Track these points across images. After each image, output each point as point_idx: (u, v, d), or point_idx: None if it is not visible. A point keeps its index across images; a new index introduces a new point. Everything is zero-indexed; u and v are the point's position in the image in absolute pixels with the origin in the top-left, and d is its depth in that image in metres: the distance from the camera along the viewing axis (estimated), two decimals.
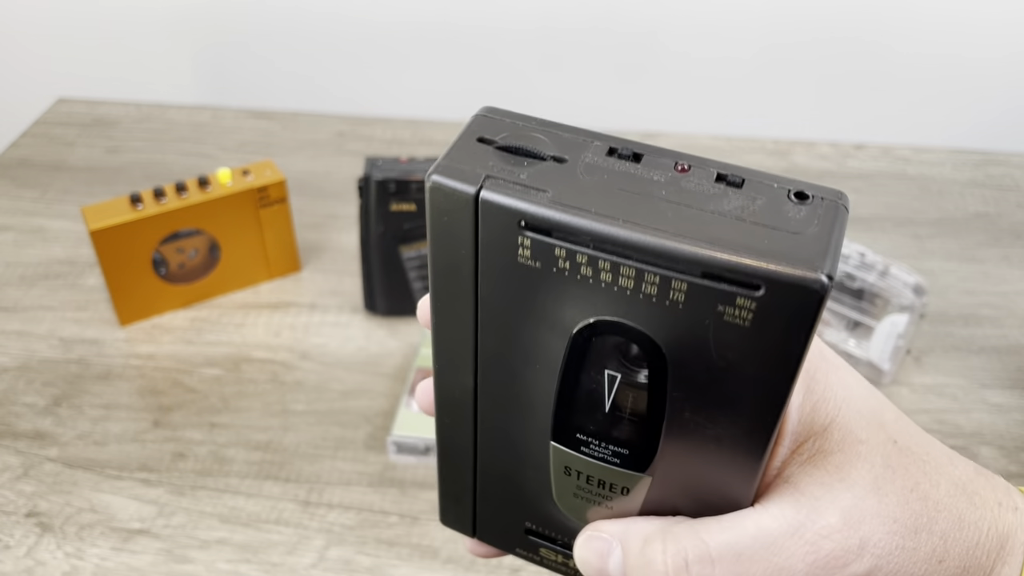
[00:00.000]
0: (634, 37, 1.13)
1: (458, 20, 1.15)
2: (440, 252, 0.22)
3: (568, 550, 0.28)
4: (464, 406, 0.26)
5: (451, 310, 0.24)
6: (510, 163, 0.21)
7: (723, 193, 0.21)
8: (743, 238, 0.19)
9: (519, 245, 0.21)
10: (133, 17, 1.20)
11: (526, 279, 0.21)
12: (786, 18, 1.11)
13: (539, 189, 0.20)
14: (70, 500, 0.58)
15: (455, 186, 0.21)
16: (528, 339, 0.23)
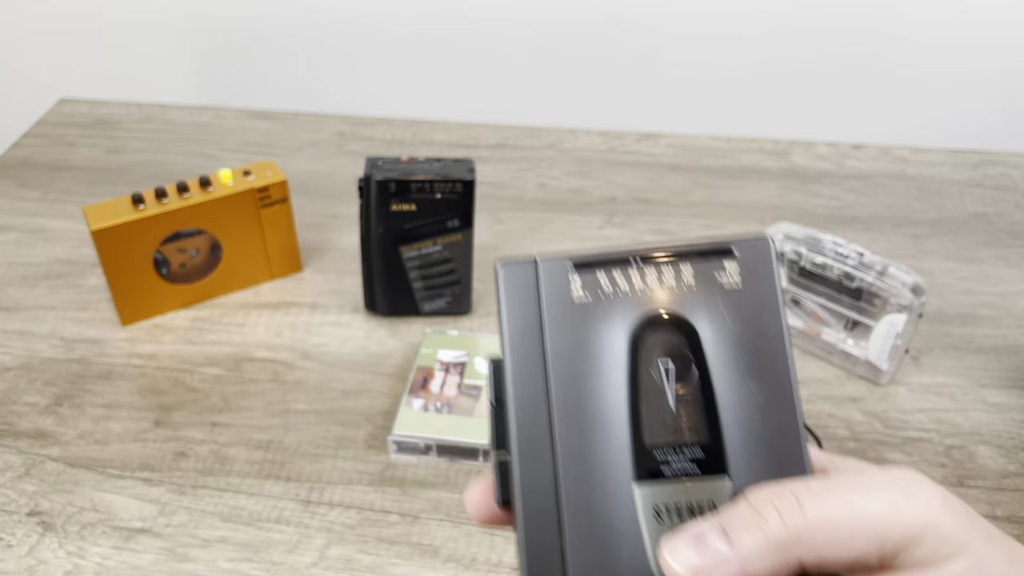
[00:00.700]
0: (633, 38, 1.13)
1: (458, 21, 1.15)
2: (513, 323, 0.27)
3: None
4: (548, 513, 0.27)
5: (529, 396, 0.27)
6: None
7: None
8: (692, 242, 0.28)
9: (572, 284, 0.27)
10: (135, 18, 1.20)
11: (583, 316, 0.27)
12: (785, 19, 1.11)
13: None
14: (72, 499, 0.58)
15: (519, 261, 0.28)
16: (595, 375, 0.27)
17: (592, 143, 1.01)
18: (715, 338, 0.27)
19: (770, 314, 0.27)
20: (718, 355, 0.27)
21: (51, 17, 1.22)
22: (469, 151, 0.99)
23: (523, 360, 0.27)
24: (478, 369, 0.66)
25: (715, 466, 0.26)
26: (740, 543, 0.24)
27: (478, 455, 0.61)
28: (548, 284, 0.28)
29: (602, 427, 0.27)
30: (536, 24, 1.14)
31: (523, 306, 0.28)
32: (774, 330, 0.27)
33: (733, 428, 0.27)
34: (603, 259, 0.28)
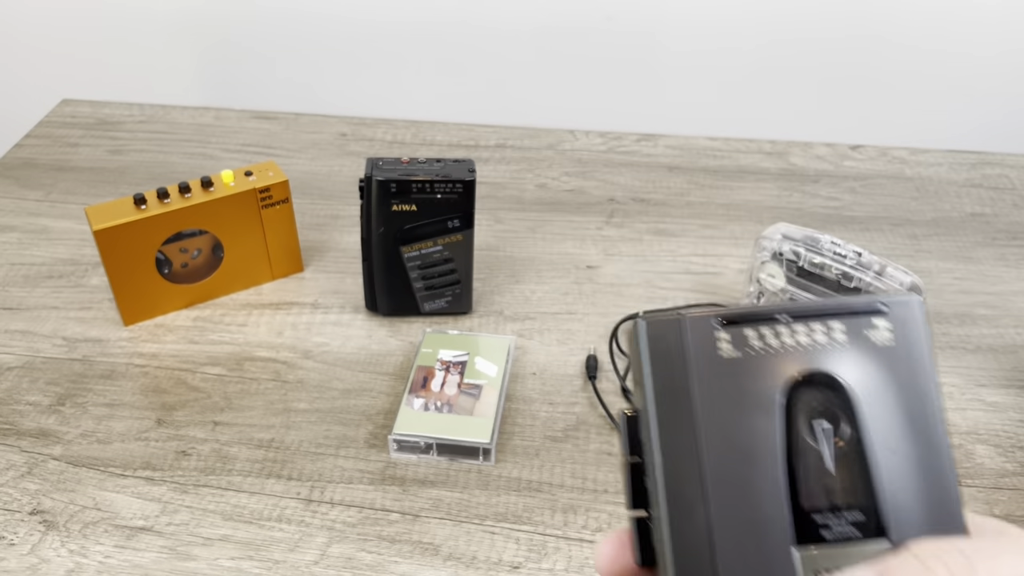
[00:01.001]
0: (632, 39, 1.14)
1: (459, 23, 1.15)
2: (658, 378, 0.27)
3: None
4: (703, 564, 0.26)
5: (677, 454, 0.26)
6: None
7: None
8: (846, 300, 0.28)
9: (718, 341, 0.27)
10: (137, 19, 1.20)
11: (732, 370, 0.27)
12: (784, 20, 1.11)
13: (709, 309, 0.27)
14: (74, 498, 0.59)
15: (664, 317, 0.27)
16: (747, 434, 0.26)
17: (591, 143, 1.02)
18: (869, 397, 0.27)
19: (922, 372, 0.27)
20: (872, 415, 0.26)
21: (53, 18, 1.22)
22: (469, 151, 0.99)
23: (670, 415, 0.27)
24: (478, 368, 0.66)
25: (876, 529, 0.26)
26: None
27: (478, 454, 0.61)
28: (694, 340, 0.27)
29: (758, 488, 0.26)
30: (536, 25, 1.15)
31: (667, 362, 0.27)
32: (926, 388, 0.27)
33: (891, 490, 0.26)
34: (751, 316, 0.27)
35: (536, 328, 0.73)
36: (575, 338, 0.72)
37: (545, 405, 0.66)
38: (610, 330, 0.73)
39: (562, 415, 0.65)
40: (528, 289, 0.78)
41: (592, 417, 0.65)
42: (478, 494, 0.59)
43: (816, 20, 1.10)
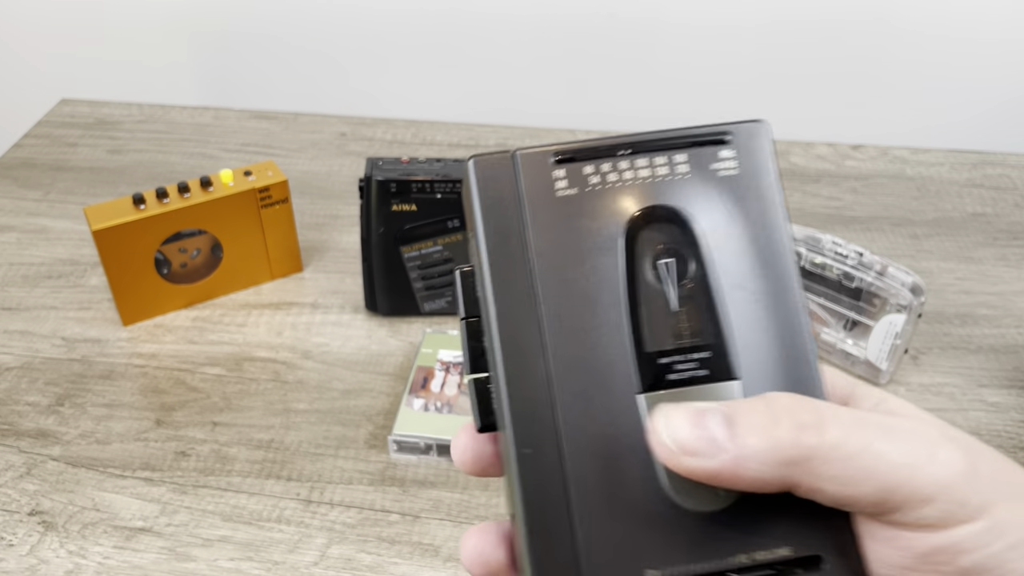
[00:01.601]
0: (632, 38, 1.14)
1: (459, 22, 1.15)
2: (489, 224, 0.25)
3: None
4: (545, 431, 0.24)
5: (511, 303, 0.24)
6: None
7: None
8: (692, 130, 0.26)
9: (555, 180, 0.25)
10: (136, 18, 1.20)
11: (569, 210, 0.24)
12: (784, 19, 1.11)
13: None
14: (73, 499, 0.58)
15: (495, 156, 0.25)
16: (587, 277, 0.24)
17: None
18: (714, 231, 0.25)
19: (770, 202, 0.25)
20: (718, 249, 0.25)
21: (52, 17, 1.22)
22: (469, 151, 0.99)
23: (505, 265, 0.24)
24: None
25: (725, 369, 0.24)
26: (743, 440, 0.22)
27: None
28: (528, 179, 0.25)
29: (600, 335, 0.24)
30: (536, 25, 1.14)
31: (500, 205, 0.25)
32: (774, 219, 0.25)
33: (740, 329, 0.25)
34: (588, 150, 0.25)
35: None
36: None
37: None
38: None
39: None
40: None
41: None
42: (478, 495, 0.59)
43: (817, 20, 1.10)
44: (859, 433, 0.22)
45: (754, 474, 0.22)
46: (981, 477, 0.22)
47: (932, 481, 0.22)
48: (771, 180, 0.25)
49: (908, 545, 0.22)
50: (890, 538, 0.23)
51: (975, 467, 0.22)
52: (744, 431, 0.22)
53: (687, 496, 0.23)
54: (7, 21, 1.23)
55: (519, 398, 0.24)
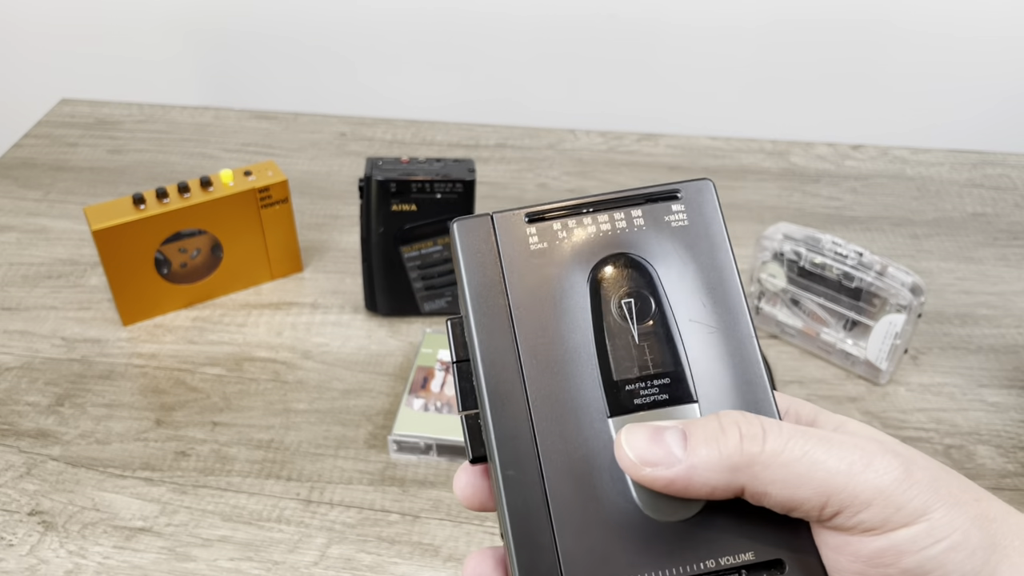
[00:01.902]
0: (633, 38, 1.14)
1: (459, 22, 1.15)
2: (473, 278, 0.28)
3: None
4: (524, 447, 0.27)
5: (495, 347, 0.28)
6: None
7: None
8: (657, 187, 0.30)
9: (528, 236, 0.29)
10: (136, 18, 1.20)
11: (541, 261, 0.28)
12: (784, 20, 1.11)
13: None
14: (73, 499, 0.58)
15: (475, 217, 0.29)
16: (560, 320, 0.28)
17: (592, 143, 1.02)
18: (668, 273, 0.29)
19: (718, 247, 0.29)
20: (674, 289, 0.28)
21: (52, 17, 1.22)
22: (469, 151, 0.99)
23: (487, 313, 0.28)
24: None
25: (683, 394, 0.27)
26: (695, 450, 0.25)
27: None
28: (504, 236, 0.29)
29: (572, 368, 0.27)
30: (536, 25, 1.14)
31: (481, 261, 0.28)
32: (722, 261, 0.29)
33: (697, 357, 0.28)
34: (555, 210, 0.29)
35: None
36: None
37: None
38: None
39: None
40: None
41: None
42: None
43: (817, 20, 1.10)
44: (798, 442, 0.24)
45: (705, 480, 0.24)
46: (918, 484, 0.24)
47: (869, 487, 0.24)
48: (718, 227, 0.29)
49: (856, 550, 0.24)
50: (840, 545, 0.25)
51: (911, 474, 0.24)
52: (695, 443, 0.25)
53: (656, 508, 0.26)
54: (7, 21, 1.23)
55: (502, 427, 0.27)
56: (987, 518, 0.24)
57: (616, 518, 0.26)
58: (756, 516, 0.26)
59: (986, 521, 0.24)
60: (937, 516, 0.24)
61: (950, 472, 0.25)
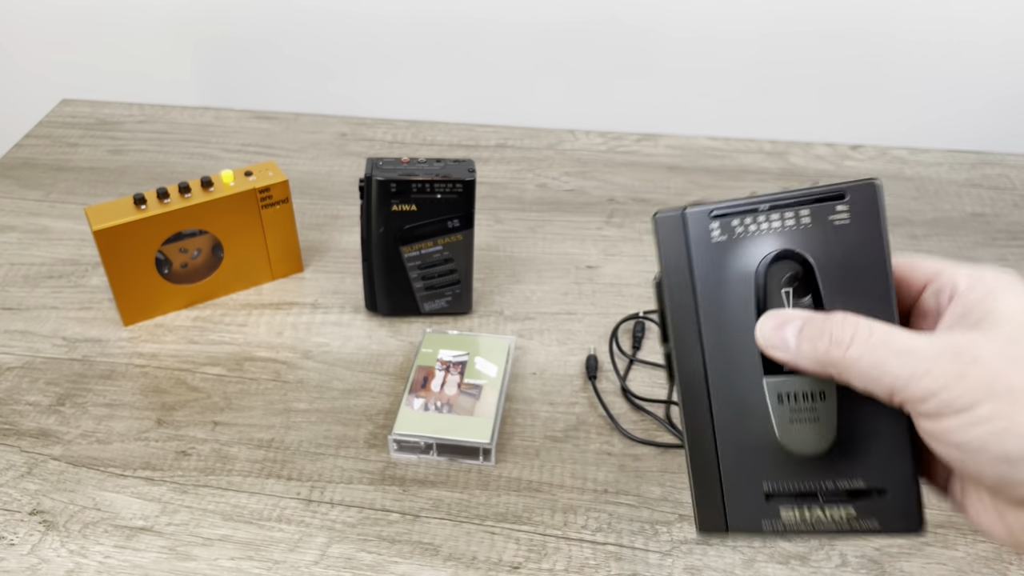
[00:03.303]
0: (633, 39, 1.14)
1: (459, 23, 1.15)
2: (668, 259, 0.36)
3: (804, 498, 0.35)
4: (700, 393, 0.36)
5: (682, 309, 0.36)
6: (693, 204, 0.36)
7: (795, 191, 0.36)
8: (819, 188, 0.35)
9: (712, 230, 0.35)
10: (136, 19, 1.20)
11: (720, 252, 0.35)
12: (784, 20, 1.11)
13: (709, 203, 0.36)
14: (74, 498, 0.59)
15: (670, 213, 0.36)
16: (732, 299, 0.35)
17: (592, 143, 1.02)
18: (827, 266, 0.34)
19: (874, 244, 0.34)
20: (828, 280, 0.34)
21: (53, 18, 1.22)
22: (469, 151, 0.99)
23: (677, 285, 0.36)
24: (478, 368, 0.66)
25: None
26: (799, 344, 0.33)
27: (478, 454, 0.61)
28: (693, 230, 0.36)
29: (739, 336, 0.35)
30: (536, 25, 1.15)
31: (674, 247, 0.36)
32: (877, 256, 0.34)
33: None
34: (737, 209, 0.35)
35: (536, 328, 0.73)
36: (575, 338, 0.72)
37: (545, 405, 0.66)
38: (610, 330, 0.73)
39: (562, 415, 0.65)
40: (528, 289, 0.78)
41: (592, 417, 0.65)
42: (478, 494, 0.59)
43: (816, 20, 1.10)
44: (876, 353, 0.31)
45: (804, 367, 0.33)
46: (970, 384, 0.30)
47: (924, 389, 0.30)
48: (878, 226, 0.34)
49: (929, 430, 0.31)
50: (930, 431, 0.31)
51: (964, 377, 0.30)
52: (802, 339, 0.33)
53: (793, 444, 0.35)
54: (8, 22, 1.23)
55: (685, 370, 0.36)
56: None
57: (762, 448, 0.35)
58: (872, 454, 0.34)
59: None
60: (983, 409, 0.29)
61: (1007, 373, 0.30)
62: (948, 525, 0.58)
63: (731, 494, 0.36)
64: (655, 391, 0.68)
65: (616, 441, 0.63)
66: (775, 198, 0.34)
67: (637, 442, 0.63)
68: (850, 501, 0.35)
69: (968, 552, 0.56)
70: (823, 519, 0.35)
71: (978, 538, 0.57)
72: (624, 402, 0.67)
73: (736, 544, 0.56)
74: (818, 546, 0.56)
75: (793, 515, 0.35)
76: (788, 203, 0.34)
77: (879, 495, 0.34)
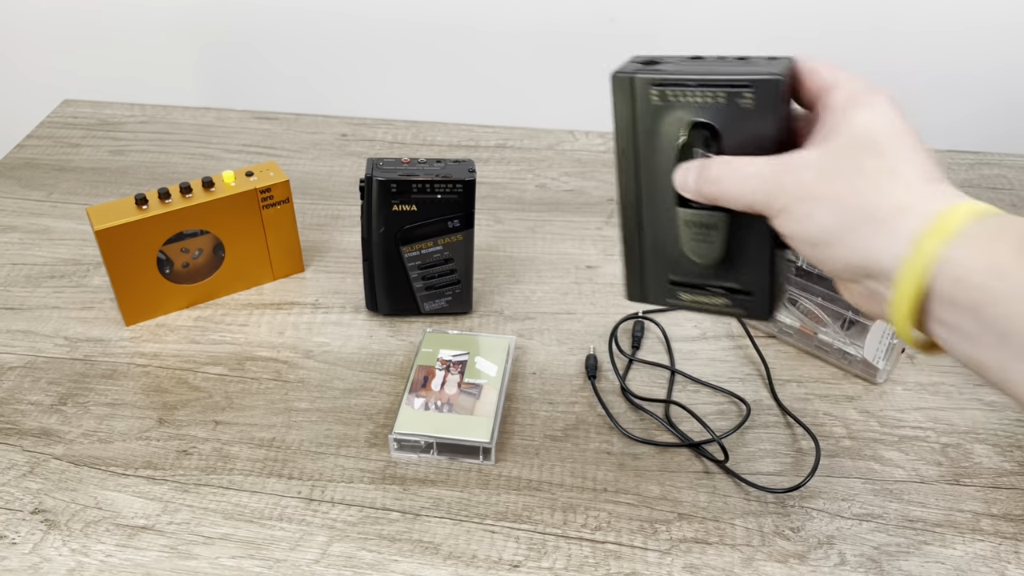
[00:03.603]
0: (632, 40, 1.14)
1: (459, 24, 1.16)
2: (619, 113, 0.47)
3: (696, 288, 0.50)
4: (634, 210, 0.49)
5: (626, 152, 0.48)
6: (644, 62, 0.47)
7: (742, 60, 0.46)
8: (742, 69, 0.43)
9: (651, 95, 0.45)
10: (138, 19, 1.20)
11: (657, 112, 0.46)
12: (782, 21, 1.11)
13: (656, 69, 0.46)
14: (75, 497, 0.59)
15: (623, 76, 0.46)
16: (661, 149, 0.46)
17: (591, 144, 1.02)
18: (729, 134, 0.44)
19: (767, 124, 0.43)
20: (729, 145, 0.44)
21: (55, 19, 1.22)
22: (469, 152, 1.00)
23: (623, 132, 0.48)
24: (478, 368, 0.67)
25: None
26: (694, 183, 0.44)
27: (478, 453, 0.61)
28: (639, 91, 0.46)
29: (664, 177, 0.47)
30: (536, 26, 1.15)
31: (625, 103, 0.47)
32: (767, 133, 0.43)
33: None
34: (671, 81, 0.45)
35: (536, 328, 0.74)
36: (575, 338, 0.73)
37: (545, 404, 0.66)
38: (610, 330, 0.73)
39: (562, 414, 0.66)
40: (528, 289, 0.78)
41: (592, 416, 0.65)
42: (478, 493, 0.59)
43: (815, 21, 1.11)
44: (731, 179, 0.42)
45: (697, 198, 0.44)
46: (786, 191, 0.39)
47: (763, 200, 0.41)
48: (774, 110, 0.43)
49: (778, 231, 0.41)
50: (779, 232, 0.42)
51: (783, 187, 0.39)
52: (692, 178, 0.44)
53: (693, 255, 0.48)
54: (10, 22, 1.24)
55: (624, 202, 0.49)
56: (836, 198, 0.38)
57: (673, 256, 0.49)
58: (746, 270, 0.47)
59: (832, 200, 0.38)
60: (796, 209, 0.39)
61: (836, 173, 0.38)
62: (946, 524, 0.58)
63: (649, 279, 0.51)
64: (655, 391, 0.68)
65: (615, 440, 0.63)
66: (702, 78, 0.44)
67: (637, 441, 0.63)
68: (726, 295, 0.49)
69: (966, 551, 0.56)
70: (706, 303, 0.50)
71: (976, 537, 0.57)
72: (623, 402, 0.67)
73: (735, 543, 0.56)
74: (816, 545, 0.56)
75: (687, 297, 0.50)
76: (710, 84, 0.44)
77: (746, 294, 0.48)
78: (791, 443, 0.64)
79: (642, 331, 0.73)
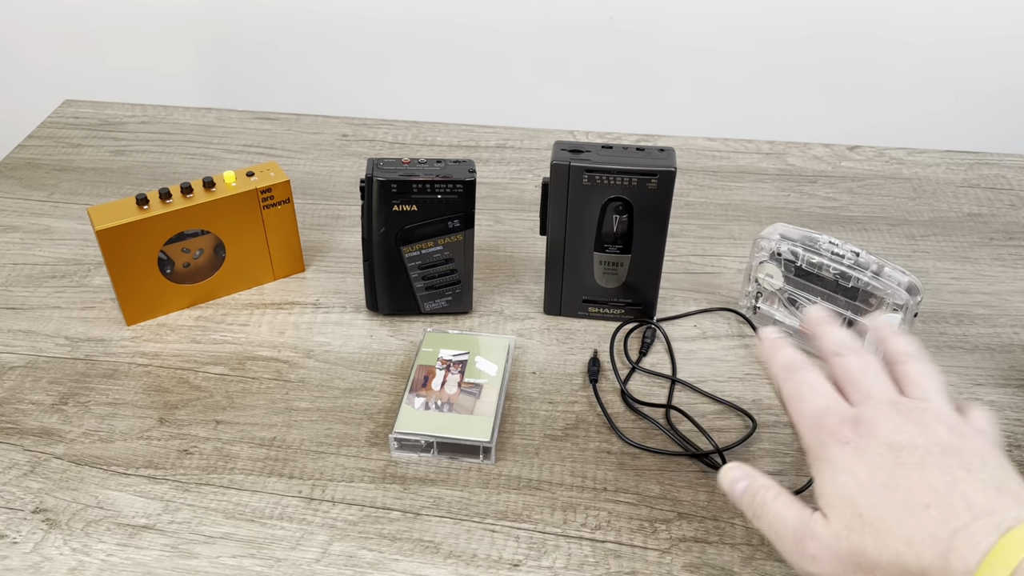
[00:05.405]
0: (632, 40, 1.14)
1: (459, 24, 1.16)
2: (555, 190, 0.67)
3: (601, 304, 0.73)
4: (560, 249, 0.69)
5: (557, 217, 0.68)
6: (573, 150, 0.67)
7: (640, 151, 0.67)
8: (644, 160, 0.66)
9: (583, 178, 0.65)
10: (139, 20, 1.21)
11: (586, 189, 0.66)
12: (782, 22, 1.11)
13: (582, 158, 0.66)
14: (76, 497, 0.59)
15: (561, 164, 0.65)
16: (586, 209, 0.67)
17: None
18: (638, 207, 0.67)
19: (663, 203, 0.66)
20: (639, 215, 0.67)
21: (56, 19, 1.23)
22: (469, 152, 1.00)
23: (556, 197, 0.67)
24: (479, 367, 0.67)
25: (627, 249, 0.69)
26: (739, 496, 0.47)
27: (478, 452, 0.61)
28: (573, 176, 0.65)
29: (587, 228, 0.68)
30: (536, 27, 1.15)
31: (561, 179, 0.66)
32: (663, 210, 0.67)
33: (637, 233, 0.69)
34: (597, 169, 0.65)
35: (536, 328, 0.74)
36: (575, 338, 0.73)
37: (545, 404, 0.67)
38: (610, 330, 0.73)
39: (562, 414, 0.66)
40: (528, 289, 0.78)
41: (591, 416, 0.66)
42: (478, 492, 0.60)
43: (814, 21, 1.11)
44: (766, 521, 0.45)
45: (735, 501, 0.47)
46: (809, 555, 0.42)
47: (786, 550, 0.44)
48: (668, 196, 0.66)
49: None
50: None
51: (802, 552, 0.42)
52: (740, 492, 0.47)
53: (602, 282, 0.71)
54: (11, 23, 1.24)
55: (552, 246, 0.70)
56: None
57: (587, 281, 0.71)
58: (639, 292, 0.72)
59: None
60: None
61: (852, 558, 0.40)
62: None
63: (566, 298, 0.73)
64: (654, 391, 0.68)
65: (615, 440, 0.64)
66: (620, 167, 0.64)
67: (636, 447, 0.63)
68: (622, 307, 0.72)
69: None
70: (607, 313, 0.73)
71: None
72: (622, 402, 0.67)
73: (735, 542, 0.56)
74: None
75: (593, 310, 0.73)
76: (626, 172, 0.65)
77: (636, 306, 0.72)
78: (791, 443, 0.64)
79: (652, 337, 0.72)
